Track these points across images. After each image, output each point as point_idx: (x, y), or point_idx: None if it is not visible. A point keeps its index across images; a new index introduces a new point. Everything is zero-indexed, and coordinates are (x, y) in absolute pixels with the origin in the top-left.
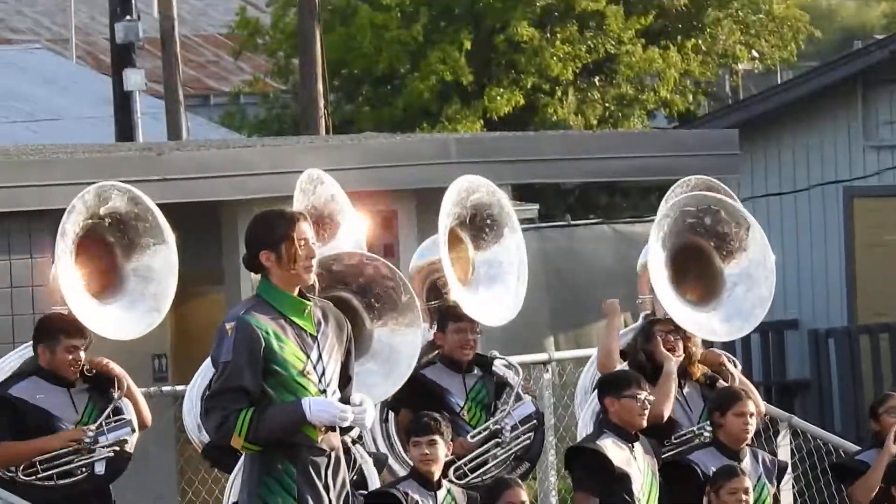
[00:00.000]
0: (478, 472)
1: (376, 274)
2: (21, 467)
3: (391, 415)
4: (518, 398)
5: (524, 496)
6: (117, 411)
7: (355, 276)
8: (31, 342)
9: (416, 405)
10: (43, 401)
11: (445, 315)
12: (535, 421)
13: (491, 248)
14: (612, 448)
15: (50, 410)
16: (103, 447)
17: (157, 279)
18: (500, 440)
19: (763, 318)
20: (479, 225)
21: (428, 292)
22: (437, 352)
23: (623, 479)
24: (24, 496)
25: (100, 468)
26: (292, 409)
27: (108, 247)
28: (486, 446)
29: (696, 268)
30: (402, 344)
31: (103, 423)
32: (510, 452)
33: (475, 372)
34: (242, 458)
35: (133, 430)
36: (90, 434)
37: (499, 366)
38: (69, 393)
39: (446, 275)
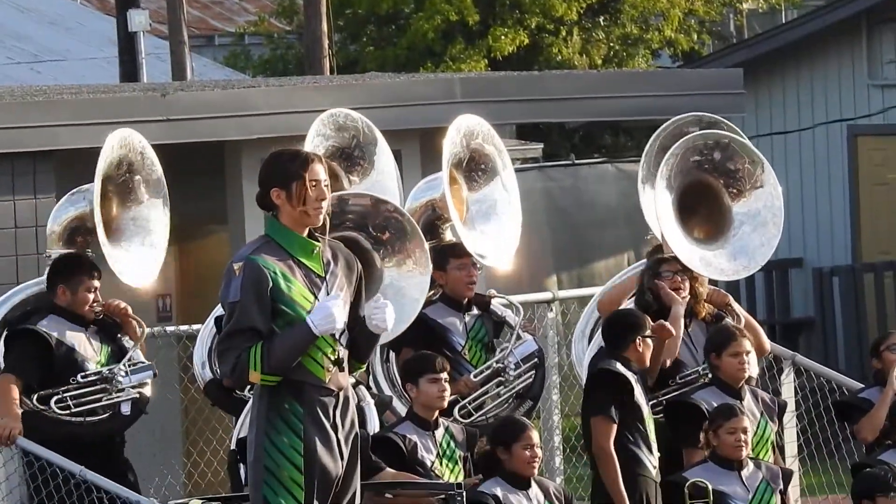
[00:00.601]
0: (482, 411)
1: (387, 215)
2: (53, 400)
3: (392, 355)
4: (518, 337)
5: (536, 436)
6: (132, 359)
7: (366, 216)
8: (46, 281)
9: (418, 344)
10: (68, 339)
11: (446, 253)
12: (536, 360)
13: (483, 189)
14: (627, 374)
15: (76, 348)
16: (130, 387)
17: (155, 230)
18: (502, 379)
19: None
20: (474, 167)
21: (423, 233)
22: (437, 291)
23: (638, 408)
24: (49, 429)
25: (125, 408)
26: (298, 331)
27: (108, 195)
28: (488, 385)
29: (704, 206)
30: (409, 286)
31: (127, 366)
32: (513, 391)
33: (473, 311)
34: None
35: (155, 374)
36: (121, 374)
37: (497, 305)
38: (86, 333)
39: (450, 213)
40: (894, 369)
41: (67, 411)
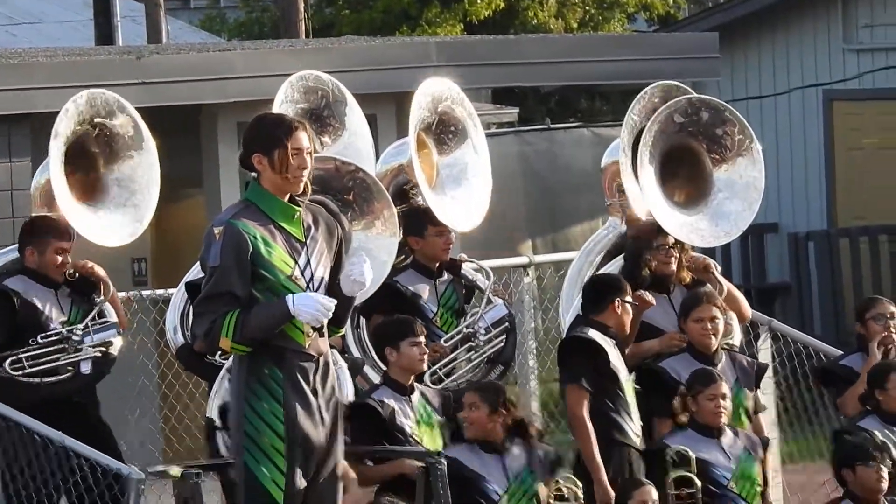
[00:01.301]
0: (453, 377)
1: (352, 177)
2: (8, 361)
3: (363, 321)
4: (489, 301)
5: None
6: (102, 314)
7: (331, 180)
8: (17, 244)
9: (389, 311)
10: (34, 298)
11: (423, 219)
12: (507, 324)
13: (453, 152)
14: (600, 340)
15: (40, 307)
16: (90, 346)
17: (140, 189)
18: (472, 344)
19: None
20: (443, 130)
21: (393, 197)
22: (408, 258)
23: (614, 374)
24: (5, 393)
25: (86, 368)
26: (277, 306)
27: (92, 156)
28: (459, 351)
29: (685, 169)
30: (378, 248)
31: (89, 324)
32: (483, 356)
33: (444, 277)
34: (227, 363)
35: (119, 333)
36: (78, 333)
37: (468, 269)
38: (55, 294)
39: (417, 179)
40: (875, 342)
41: (21, 372)
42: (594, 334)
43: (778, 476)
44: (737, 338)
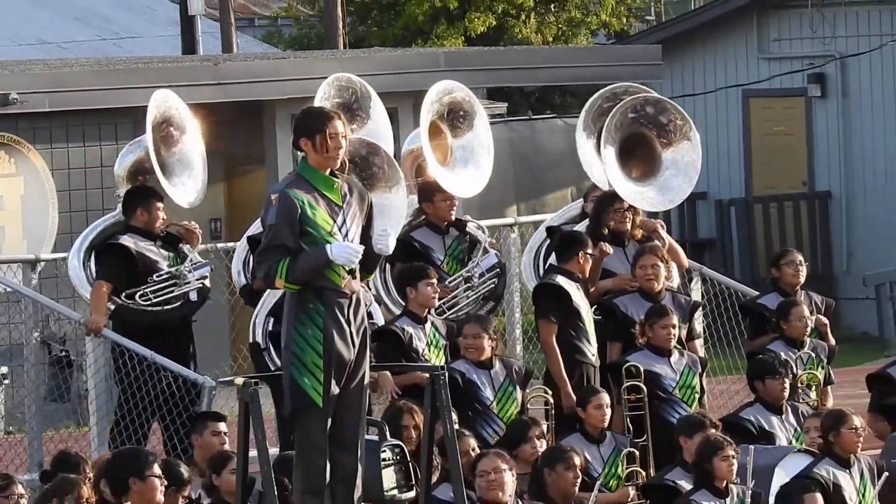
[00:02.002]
0: (454, 310)
1: (370, 152)
2: (137, 295)
3: (388, 267)
4: (485, 252)
5: (477, 329)
6: (193, 260)
7: (355, 153)
8: (123, 209)
9: (407, 260)
10: (144, 249)
11: (432, 188)
12: (498, 269)
13: (465, 135)
14: (566, 284)
15: (151, 256)
16: (195, 280)
17: (192, 164)
18: (470, 285)
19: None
20: (454, 117)
21: (415, 171)
22: (423, 217)
23: (576, 310)
24: (136, 318)
25: (193, 296)
26: (318, 252)
27: (156, 142)
28: (458, 290)
29: (640, 151)
30: (390, 205)
31: (190, 263)
32: (478, 294)
33: (452, 233)
34: (262, 302)
35: (212, 269)
36: (184, 271)
37: (471, 228)
38: (155, 245)
39: (426, 158)
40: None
41: (148, 302)
42: (561, 280)
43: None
44: (675, 281)
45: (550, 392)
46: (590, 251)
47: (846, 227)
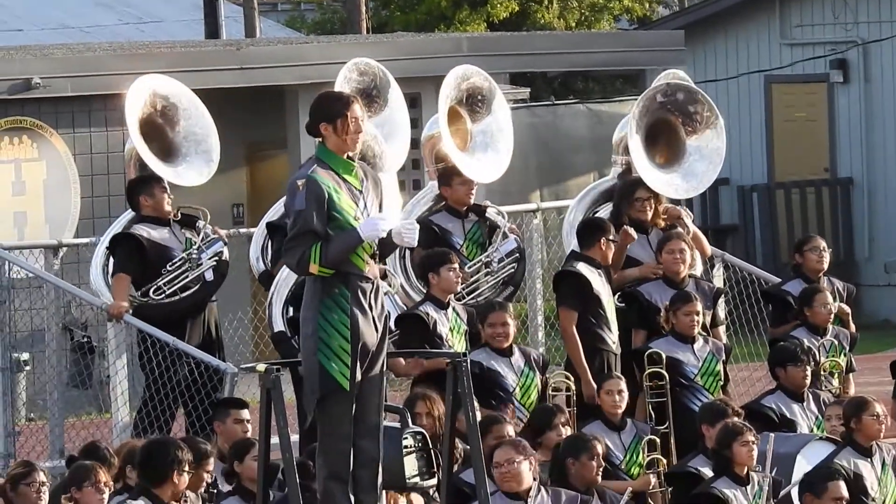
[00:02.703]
0: (472, 294)
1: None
2: (151, 290)
3: (408, 253)
4: (504, 237)
5: (506, 317)
6: (206, 235)
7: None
8: (128, 202)
9: (427, 245)
10: (156, 237)
11: (451, 173)
12: (517, 255)
13: (485, 119)
14: (587, 271)
15: (163, 244)
16: (207, 259)
17: (203, 140)
18: (489, 270)
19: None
20: (473, 102)
21: (435, 157)
22: (443, 202)
23: (597, 297)
24: (155, 313)
25: (209, 276)
26: (349, 234)
27: (159, 126)
28: (478, 275)
29: (665, 137)
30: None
31: (200, 244)
32: (498, 279)
33: (472, 217)
34: (276, 286)
35: (225, 243)
36: (195, 252)
37: (491, 213)
38: (170, 230)
39: (445, 145)
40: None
41: (163, 295)
42: (581, 266)
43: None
44: (698, 269)
45: (572, 379)
46: (612, 237)
47: (868, 213)
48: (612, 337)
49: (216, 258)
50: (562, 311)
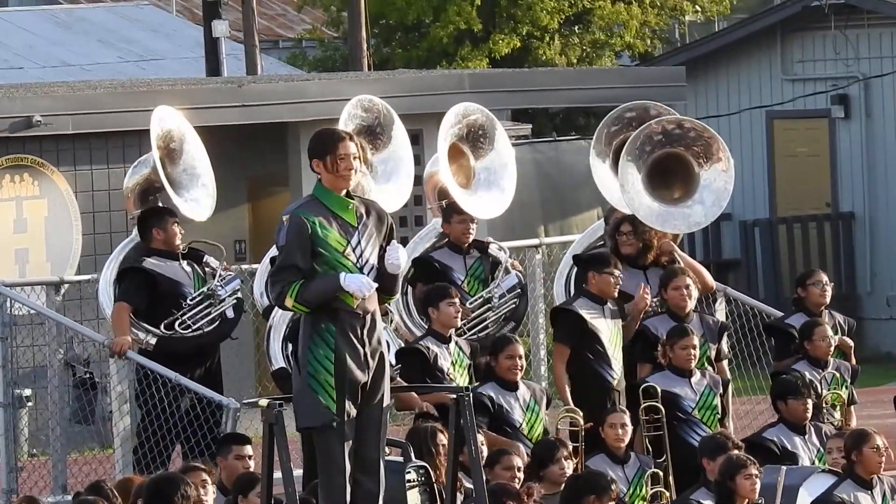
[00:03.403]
0: (474, 330)
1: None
2: (176, 324)
3: (409, 289)
4: (507, 272)
5: (521, 350)
6: (222, 276)
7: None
8: (139, 232)
9: (428, 281)
10: (167, 271)
11: (450, 210)
12: (519, 290)
13: (488, 155)
14: (585, 308)
15: (174, 278)
16: (228, 296)
17: (200, 172)
18: (491, 305)
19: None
20: (475, 138)
21: (438, 193)
22: (446, 240)
23: (594, 333)
24: (180, 347)
25: (230, 313)
26: (331, 279)
27: (162, 161)
28: (480, 310)
29: (674, 172)
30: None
31: (219, 281)
32: (499, 315)
33: (474, 253)
34: (272, 320)
35: (242, 280)
36: (216, 289)
37: (493, 249)
38: (180, 265)
39: (445, 182)
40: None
41: (189, 329)
42: (580, 302)
43: (729, 406)
44: (694, 297)
45: (580, 413)
46: (607, 271)
47: (870, 247)
48: (613, 373)
49: (235, 295)
50: (554, 348)
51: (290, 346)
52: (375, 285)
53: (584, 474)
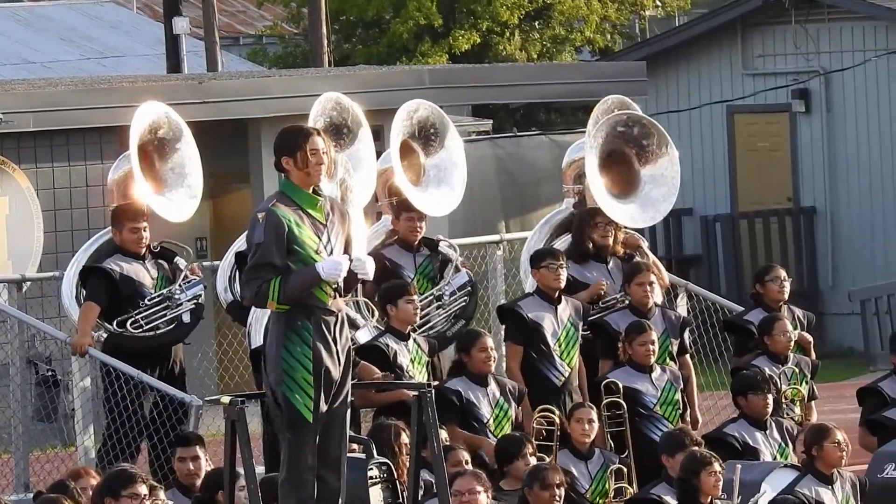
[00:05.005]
0: (424, 328)
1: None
2: (129, 322)
3: (358, 287)
4: (457, 270)
5: (490, 342)
6: (186, 277)
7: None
8: (110, 228)
9: (377, 278)
10: (127, 271)
11: (400, 208)
12: (469, 288)
13: (438, 153)
14: (531, 306)
15: (134, 278)
16: (187, 301)
17: (189, 172)
18: (440, 303)
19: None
20: (426, 135)
21: (388, 190)
22: (396, 237)
23: (537, 331)
24: (129, 346)
25: (186, 318)
26: (309, 271)
27: (148, 154)
28: (429, 308)
29: (620, 168)
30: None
31: (182, 283)
32: (449, 313)
33: (423, 251)
34: (255, 311)
35: (205, 287)
36: (176, 292)
37: (443, 246)
38: (144, 264)
39: (397, 179)
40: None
41: (140, 329)
42: (526, 301)
43: (695, 399)
44: (658, 297)
45: (557, 412)
46: (544, 264)
47: (831, 242)
48: (558, 372)
49: (195, 301)
50: (506, 347)
51: None
52: (348, 260)
53: (527, 469)
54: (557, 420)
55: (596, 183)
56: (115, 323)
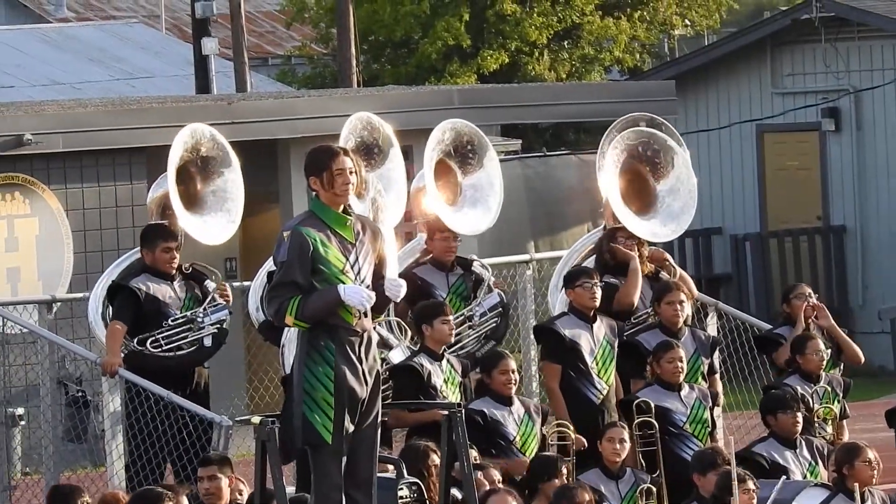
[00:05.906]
0: (454, 348)
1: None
2: (148, 341)
3: (392, 305)
4: (489, 290)
5: (513, 364)
6: (213, 300)
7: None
8: (139, 248)
9: (409, 298)
10: (154, 291)
11: (434, 227)
12: (500, 309)
13: (476, 172)
14: (567, 324)
15: (160, 298)
16: (210, 325)
17: (231, 198)
18: (471, 324)
19: (691, 222)
20: (464, 153)
21: (423, 210)
22: (428, 255)
23: (575, 350)
24: (148, 365)
25: (208, 342)
26: (331, 292)
27: (193, 175)
28: (460, 328)
29: (636, 186)
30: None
31: (207, 307)
32: (480, 333)
33: (457, 271)
34: (288, 334)
35: (230, 312)
36: (200, 315)
37: (476, 266)
38: (172, 285)
39: (431, 198)
40: (802, 312)
41: (160, 349)
42: (563, 320)
43: (720, 420)
44: (688, 311)
45: (572, 428)
46: (579, 283)
47: (861, 261)
48: (596, 390)
49: (218, 325)
50: (544, 367)
51: None
52: (374, 297)
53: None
54: (572, 435)
55: (615, 200)
56: (135, 340)
